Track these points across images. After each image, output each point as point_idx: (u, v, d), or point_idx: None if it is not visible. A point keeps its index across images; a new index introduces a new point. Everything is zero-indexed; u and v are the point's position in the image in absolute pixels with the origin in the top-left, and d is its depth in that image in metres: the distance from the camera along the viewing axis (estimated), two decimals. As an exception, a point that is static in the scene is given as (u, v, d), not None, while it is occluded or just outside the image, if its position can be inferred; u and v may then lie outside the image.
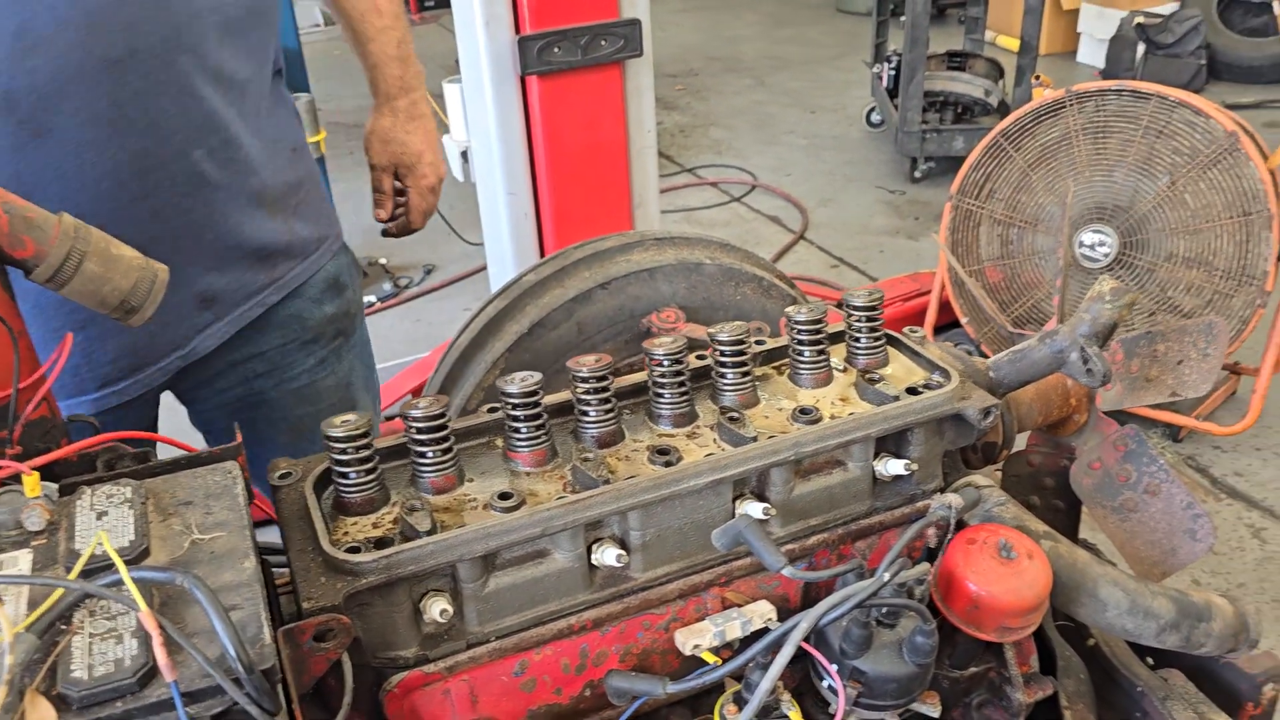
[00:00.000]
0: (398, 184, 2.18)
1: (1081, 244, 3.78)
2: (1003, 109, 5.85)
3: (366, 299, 4.94)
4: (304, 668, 0.99)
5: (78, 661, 0.81)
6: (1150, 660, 1.57)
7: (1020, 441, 1.65)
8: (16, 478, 1.00)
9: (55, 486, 1.00)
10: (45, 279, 1.07)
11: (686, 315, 2.31)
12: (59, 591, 0.85)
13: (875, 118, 6.87)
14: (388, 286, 4.98)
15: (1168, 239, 3.70)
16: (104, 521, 0.97)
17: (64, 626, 0.85)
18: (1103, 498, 1.52)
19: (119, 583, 0.83)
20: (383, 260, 5.22)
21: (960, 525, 1.34)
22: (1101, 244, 3.75)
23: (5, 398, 1.06)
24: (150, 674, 0.81)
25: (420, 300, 4.96)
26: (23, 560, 0.94)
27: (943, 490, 1.32)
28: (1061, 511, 1.65)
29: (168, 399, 1.89)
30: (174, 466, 1.09)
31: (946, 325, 4.10)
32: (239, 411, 1.87)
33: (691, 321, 2.35)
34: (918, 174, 5.95)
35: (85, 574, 0.88)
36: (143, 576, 0.85)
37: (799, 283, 2.05)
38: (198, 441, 1.84)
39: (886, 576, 1.07)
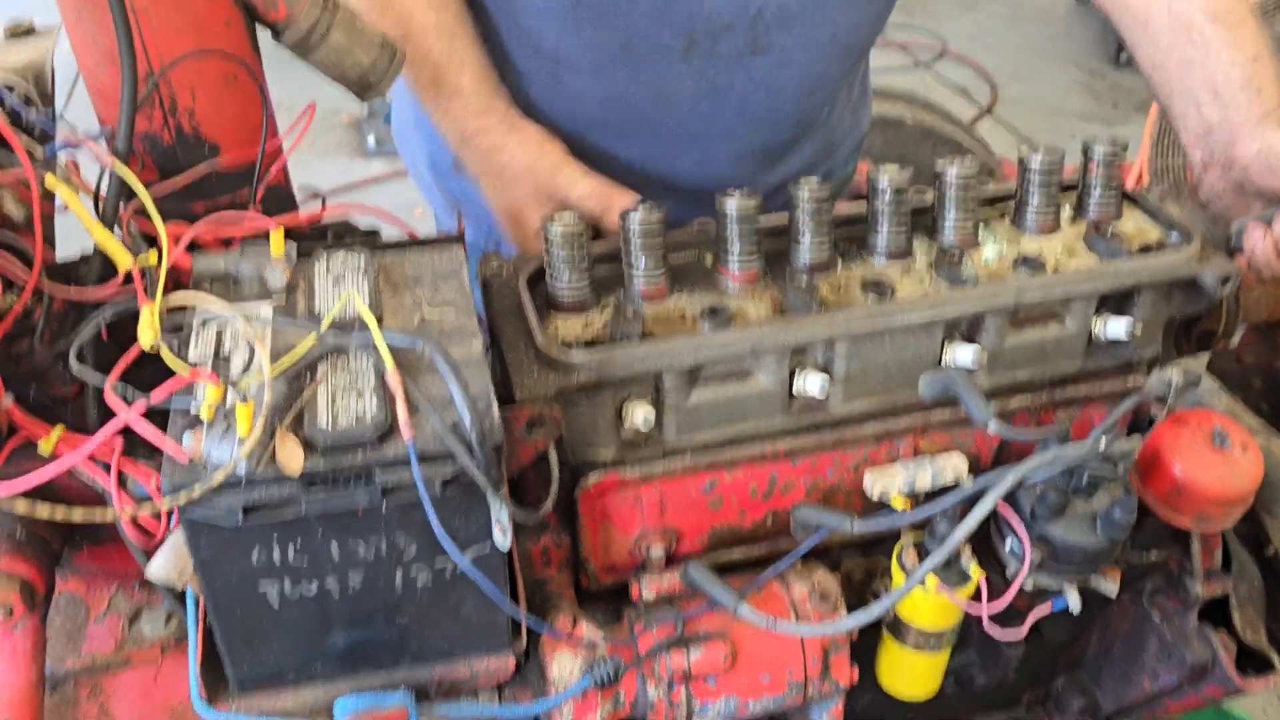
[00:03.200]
0: None
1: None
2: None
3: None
4: (513, 454, 1.02)
5: (322, 410, 0.85)
6: (1330, 578, 1.51)
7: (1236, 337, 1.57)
8: (262, 235, 1.04)
9: (294, 245, 1.03)
10: (293, 43, 1.08)
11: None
12: (309, 341, 0.88)
13: (1083, -10, 6.41)
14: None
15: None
16: (340, 287, 1.00)
17: (310, 377, 0.89)
18: (1319, 402, 1.44)
19: (369, 342, 0.86)
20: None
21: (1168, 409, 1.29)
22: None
23: (250, 157, 1.09)
24: (389, 431, 0.85)
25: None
26: (264, 312, 0.98)
27: (1158, 362, 1.27)
28: (1264, 415, 1.57)
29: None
30: (400, 246, 1.11)
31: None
32: None
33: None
34: (1124, 57, 5.54)
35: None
36: (393, 342, 0.87)
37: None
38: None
39: (1103, 442, 1.04)
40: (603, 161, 1.50)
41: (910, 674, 1.24)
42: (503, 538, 0.90)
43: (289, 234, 1.13)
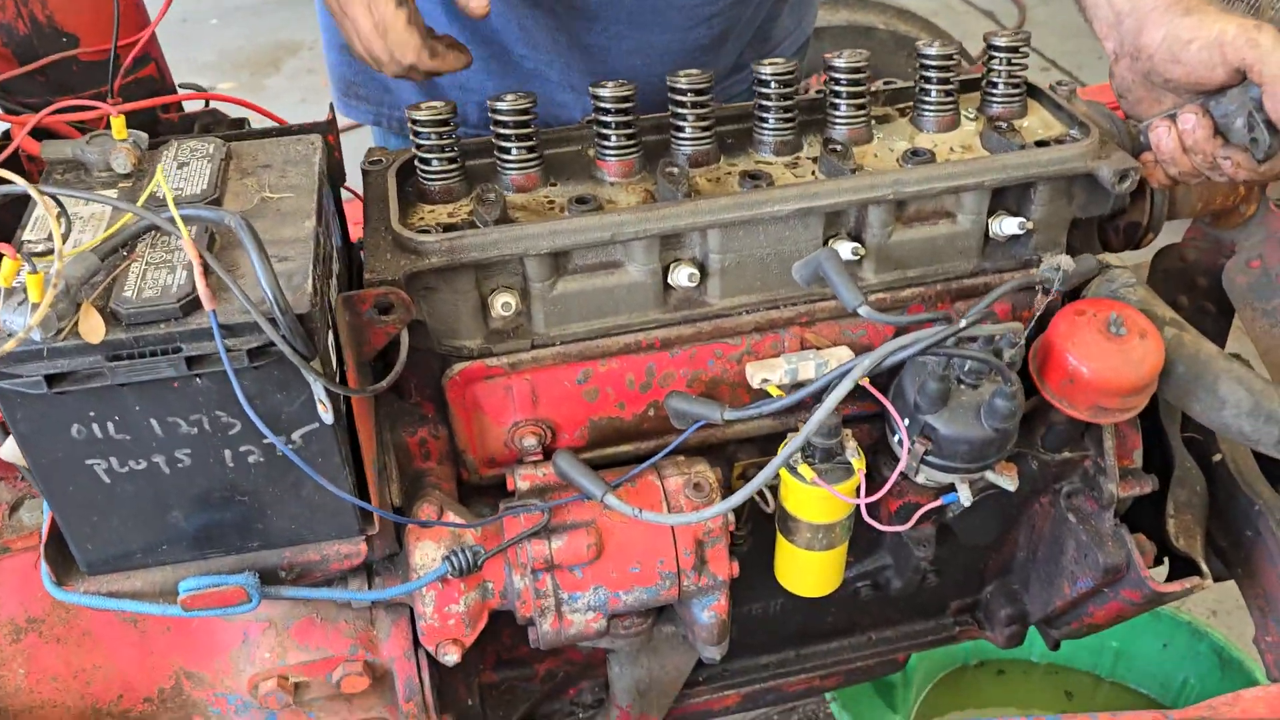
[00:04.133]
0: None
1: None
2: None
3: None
4: (364, 337, 1.02)
5: (130, 284, 0.85)
6: (1285, 486, 1.45)
7: (1177, 233, 1.50)
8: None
9: (145, 135, 1.03)
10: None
11: (848, 82, 2.17)
12: (125, 218, 0.88)
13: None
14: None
15: None
16: (184, 171, 1.00)
17: (125, 253, 0.89)
18: (1255, 299, 1.37)
19: (188, 218, 0.86)
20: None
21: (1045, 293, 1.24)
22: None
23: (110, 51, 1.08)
24: (194, 303, 0.84)
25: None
26: (108, 195, 0.98)
27: (1064, 262, 1.22)
28: (1211, 315, 1.51)
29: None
30: (259, 135, 1.10)
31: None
32: None
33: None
34: (1161, -23, 5.32)
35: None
36: (194, 214, 0.87)
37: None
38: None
39: (963, 322, 1.00)
40: (517, 28, 1.46)
41: (804, 572, 1.22)
42: (326, 414, 0.90)
43: (158, 129, 1.13)
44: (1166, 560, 1.39)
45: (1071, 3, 1.30)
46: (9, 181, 0.83)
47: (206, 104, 1.20)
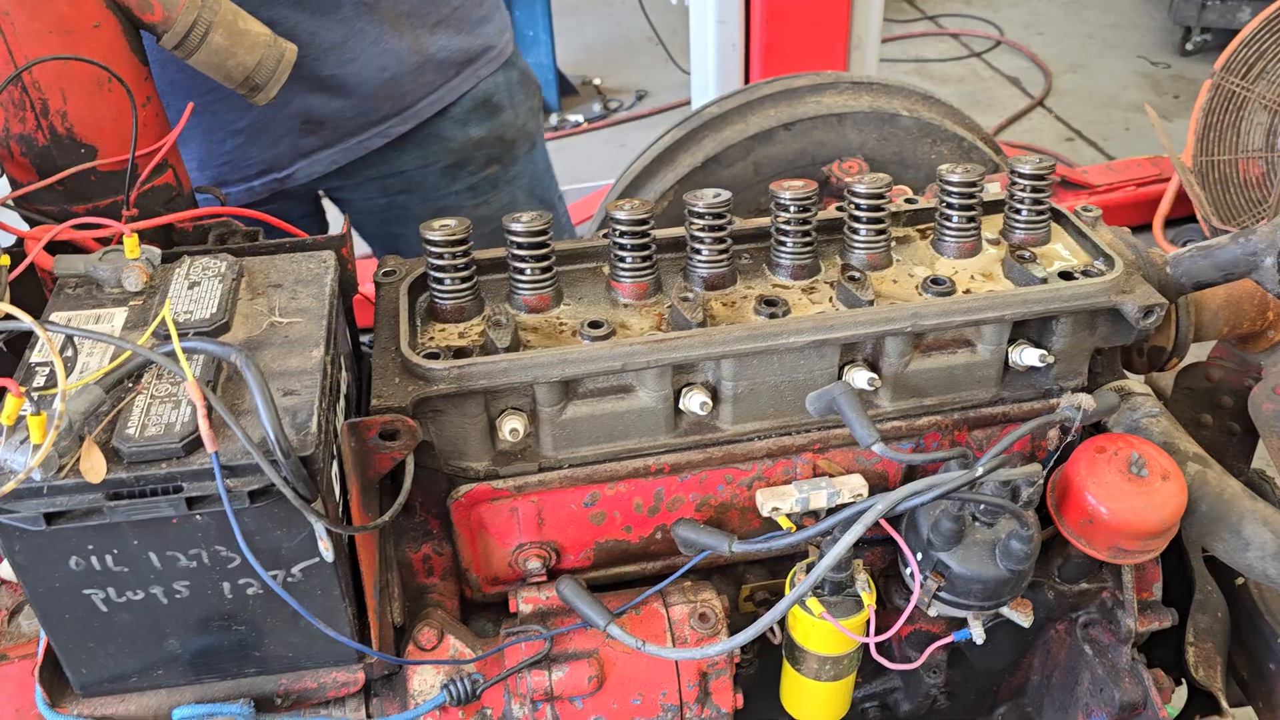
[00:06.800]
0: None
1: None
2: (1308, -20, 5.08)
3: (573, 118, 4.86)
4: (369, 462, 1.00)
5: (134, 420, 0.84)
6: (1309, 612, 1.42)
7: (1202, 352, 1.48)
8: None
9: (158, 251, 1.02)
10: (173, 46, 1.08)
11: (873, 168, 2.17)
12: (125, 354, 0.87)
13: (1155, -22, 6.12)
14: (597, 108, 4.88)
15: None
16: (194, 292, 0.99)
17: (131, 385, 0.88)
18: (1283, 428, 1.34)
19: (193, 350, 0.85)
20: (596, 80, 5.11)
21: (1099, 430, 1.22)
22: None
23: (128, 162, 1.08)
24: (196, 442, 0.83)
25: (628, 125, 4.86)
26: (118, 318, 0.98)
27: (1087, 391, 1.19)
28: (1236, 435, 1.48)
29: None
30: (279, 249, 1.10)
31: (1182, 219, 3.71)
32: (385, 222, 1.77)
33: (875, 176, 2.16)
34: (1189, 46, 5.30)
35: (160, 339, 0.90)
36: (199, 347, 0.86)
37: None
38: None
39: (980, 471, 0.98)
40: None
41: (812, 701, 1.19)
42: (327, 552, 0.88)
43: (173, 238, 1.13)
44: (1185, 682, 1.36)
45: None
46: (13, 317, 0.82)
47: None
